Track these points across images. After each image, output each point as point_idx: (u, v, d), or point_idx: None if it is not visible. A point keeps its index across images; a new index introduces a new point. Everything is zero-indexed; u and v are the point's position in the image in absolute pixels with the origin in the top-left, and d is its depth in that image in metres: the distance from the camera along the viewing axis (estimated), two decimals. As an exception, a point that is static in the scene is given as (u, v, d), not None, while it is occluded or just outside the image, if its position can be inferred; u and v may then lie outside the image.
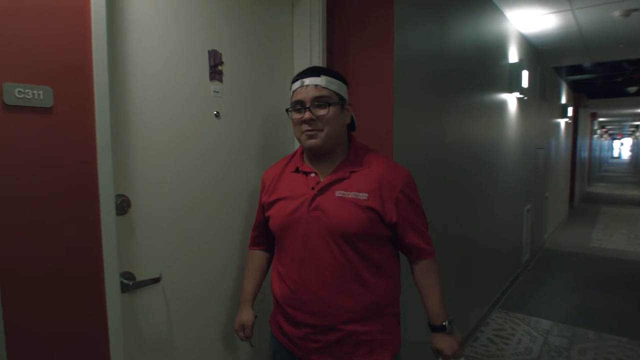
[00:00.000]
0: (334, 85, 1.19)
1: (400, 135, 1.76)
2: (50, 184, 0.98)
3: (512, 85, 3.51)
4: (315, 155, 1.23)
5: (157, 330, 1.33)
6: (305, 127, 1.17)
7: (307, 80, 1.18)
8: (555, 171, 6.30)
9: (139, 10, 1.23)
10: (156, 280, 1.28)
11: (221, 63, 1.48)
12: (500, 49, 3.32)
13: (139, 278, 1.27)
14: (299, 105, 1.19)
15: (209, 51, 1.44)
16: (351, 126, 1.29)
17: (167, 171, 1.33)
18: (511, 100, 3.63)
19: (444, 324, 1.21)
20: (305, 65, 1.75)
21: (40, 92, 0.94)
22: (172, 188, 1.35)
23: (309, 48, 1.76)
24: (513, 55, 3.59)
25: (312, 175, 1.22)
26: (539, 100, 4.75)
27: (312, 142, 1.18)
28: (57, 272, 1.01)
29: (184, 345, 1.40)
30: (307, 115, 1.16)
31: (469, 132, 2.73)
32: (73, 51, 1.00)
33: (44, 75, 0.95)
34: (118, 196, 1.21)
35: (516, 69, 3.51)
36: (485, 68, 2.99)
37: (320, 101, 1.16)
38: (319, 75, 1.18)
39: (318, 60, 1.74)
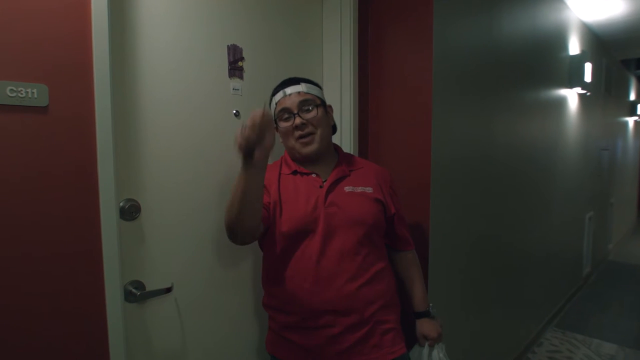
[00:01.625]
0: (314, 90, 1.24)
1: (439, 140, 1.58)
2: (44, 188, 0.92)
3: (573, 80, 3.18)
4: (310, 161, 1.24)
5: (168, 344, 1.25)
6: (298, 133, 1.20)
7: (289, 89, 1.22)
8: (622, 175, 5.72)
9: (151, 3, 1.16)
10: (168, 290, 1.20)
11: (241, 59, 1.38)
12: (559, 39, 3.00)
13: (149, 287, 1.20)
14: (286, 114, 1.21)
15: (228, 46, 1.34)
16: (332, 129, 1.32)
17: (181, 174, 1.25)
18: (571, 96, 3.29)
19: (428, 309, 1.34)
20: (336, 62, 1.63)
21: (35, 91, 0.88)
22: (186, 192, 1.27)
23: (339, 43, 1.62)
24: (574, 47, 3.25)
25: (313, 175, 1.24)
26: (603, 96, 4.32)
27: (310, 148, 1.21)
28: (50, 281, 0.95)
29: (198, 360, 1.32)
30: (297, 120, 1.19)
31: (523, 133, 2.47)
32: (71, 47, 0.94)
33: (39, 72, 0.89)
34: (127, 201, 1.14)
35: (577, 61, 3.17)
36: (541, 61, 2.70)
37: (306, 105, 1.20)
38: (298, 83, 1.23)
39: (349, 57, 1.60)
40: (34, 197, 0.91)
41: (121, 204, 1.13)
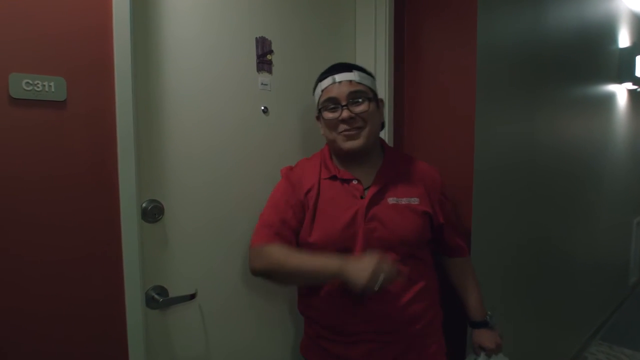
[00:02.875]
0: (368, 80, 1.11)
1: (482, 139, 1.46)
2: (62, 187, 0.87)
3: (623, 74, 2.95)
4: (353, 159, 1.12)
5: (191, 353, 1.19)
6: (343, 126, 1.07)
7: (339, 76, 1.08)
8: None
9: (176, -7, 1.09)
10: (192, 297, 1.14)
11: (270, 52, 1.30)
12: (607, 31, 2.79)
13: (172, 293, 1.14)
14: (332, 104, 1.08)
15: (256, 38, 1.27)
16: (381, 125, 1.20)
17: (206, 174, 1.18)
18: (620, 92, 3.06)
19: (486, 318, 1.24)
20: (369, 53, 1.52)
21: (52, 84, 0.83)
22: (212, 193, 1.20)
23: (374, 35, 1.52)
24: (624, 39, 3.02)
25: (354, 182, 1.11)
26: (655, 92, 4.01)
27: (353, 143, 1.08)
28: (65, 284, 0.90)
29: (222, 370, 1.25)
30: (345, 113, 1.06)
31: (568, 133, 2.29)
32: (91, 39, 0.88)
33: (56, 65, 0.84)
34: (150, 202, 1.08)
35: (628, 54, 2.94)
36: (588, 55, 2.51)
37: (357, 97, 1.07)
38: (351, 71, 1.09)
39: (384, 52, 1.49)
40: (50, 197, 0.86)
41: (143, 205, 1.07)
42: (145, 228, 1.08)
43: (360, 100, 1.07)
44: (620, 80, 2.98)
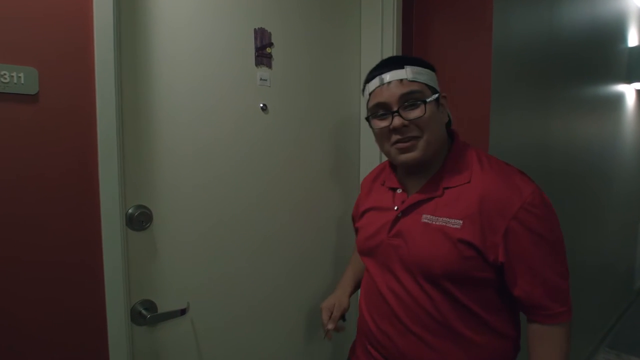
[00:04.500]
0: (424, 75, 0.89)
1: (496, 141, 1.36)
2: (32, 190, 0.77)
3: (632, 74, 2.87)
4: (412, 170, 0.94)
5: (182, 373, 1.09)
6: (396, 137, 0.88)
7: (388, 76, 0.88)
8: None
9: (166, -24, 0.99)
10: (183, 312, 1.04)
11: (270, 44, 1.20)
12: (616, 29, 2.70)
13: (162, 307, 1.03)
14: (381, 110, 0.89)
15: (255, 29, 1.17)
16: (448, 123, 0.98)
17: (200, 177, 1.08)
18: (629, 92, 2.98)
19: None
20: (375, 47, 1.42)
21: (21, 75, 0.73)
22: (207, 198, 1.10)
23: (380, 28, 1.41)
24: (633, 38, 2.93)
25: (399, 191, 0.96)
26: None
27: (408, 156, 0.88)
28: (39, 295, 0.80)
29: (216, 391, 1.15)
30: (396, 121, 0.86)
31: (578, 134, 2.20)
32: (67, 25, 0.78)
33: (26, 52, 0.74)
34: (137, 207, 0.98)
35: (638, 54, 2.86)
36: (597, 53, 2.42)
37: (410, 99, 0.87)
38: (402, 67, 0.88)
39: (391, 42, 1.39)
40: (17, 200, 0.76)
41: (129, 211, 0.97)
42: (131, 236, 0.98)
43: (415, 103, 0.87)
44: (629, 80, 2.90)
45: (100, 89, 0.82)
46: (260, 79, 1.19)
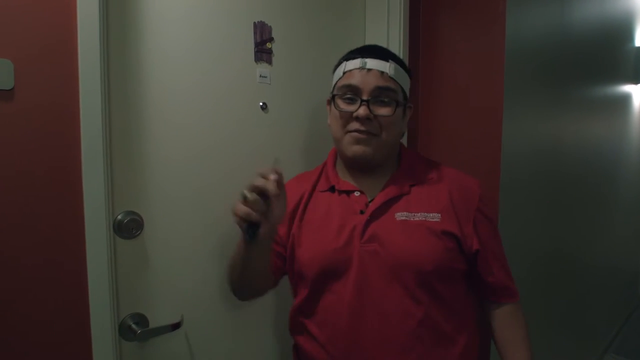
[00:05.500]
0: (403, 78, 0.91)
1: (509, 143, 1.29)
2: (7, 194, 0.69)
3: (639, 74, 2.80)
4: (359, 168, 0.92)
5: (176, 391, 1.01)
6: (355, 125, 0.85)
7: (371, 62, 0.86)
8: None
9: (159, -36, 0.92)
10: (176, 327, 0.96)
11: (270, 39, 1.13)
12: (622, 28, 2.65)
13: (153, 321, 0.96)
14: (350, 93, 0.87)
15: (254, 23, 1.10)
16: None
17: (195, 181, 1.01)
18: (636, 93, 2.92)
19: None
20: (381, 42, 1.34)
21: (-6, 68, 0.65)
22: (202, 203, 1.03)
23: (386, 22, 1.34)
24: (640, 38, 2.88)
25: (356, 194, 0.89)
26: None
27: (359, 149, 0.86)
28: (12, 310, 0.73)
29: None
30: (362, 110, 0.84)
31: (586, 135, 2.15)
32: (47, 12, 0.72)
33: (1, 44, 0.66)
34: (126, 214, 0.91)
35: (645, 54, 2.80)
36: (604, 53, 2.36)
37: (384, 96, 0.86)
38: (387, 60, 0.88)
39: (398, 36, 1.32)
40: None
41: (118, 217, 0.90)
42: (120, 245, 0.91)
43: (386, 100, 0.85)
44: (636, 80, 2.85)
45: (85, 85, 0.74)
46: (260, 76, 1.12)
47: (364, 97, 0.84)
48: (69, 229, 0.78)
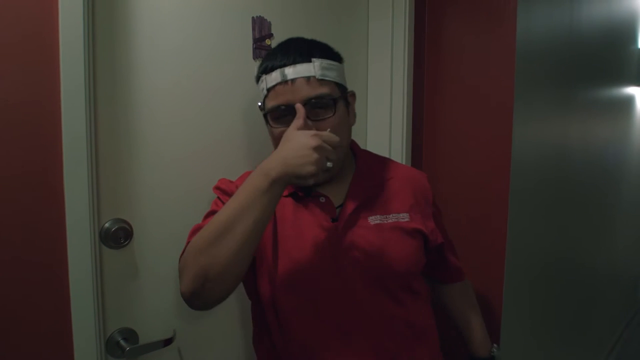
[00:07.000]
0: (333, 71, 0.79)
1: (519, 145, 1.24)
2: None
3: (643, 76, 2.77)
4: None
5: (167, 411, 0.95)
6: None
7: (292, 71, 0.75)
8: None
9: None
10: (168, 342, 0.90)
11: (270, 35, 1.07)
12: (626, 30, 2.61)
13: (144, 337, 0.90)
14: (283, 112, 0.77)
15: (253, 18, 1.04)
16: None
17: (188, 187, 0.95)
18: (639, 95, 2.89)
19: (492, 353, 1.02)
20: (386, 40, 1.29)
21: (-39, 61, 0.58)
22: (195, 210, 0.95)
23: (391, 17, 1.28)
24: (644, 39, 2.84)
25: (321, 200, 0.82)
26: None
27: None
28: None
29: None
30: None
31: (592, 138, 2.10)
32: (23, 4, 0.63)
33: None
34: (114, 222, 0.85)
35: (648, 55, 2.76)
36: (609, 54, 2.32)
37: (319, 105, 0.76)
38: (309, 60, 0.76)
39: (403, 32, 1.26)
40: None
41: (106, 225, 0.84)
42: (107, 255, 0.85)
43: (323, 102, 0.76)
44: (639, 82, 2.81)
45: (67, 82, 0.68)
46: (259, 74, 1.06)
47: (301, 114, 0.73)
48: (48, 239, 0.71)
